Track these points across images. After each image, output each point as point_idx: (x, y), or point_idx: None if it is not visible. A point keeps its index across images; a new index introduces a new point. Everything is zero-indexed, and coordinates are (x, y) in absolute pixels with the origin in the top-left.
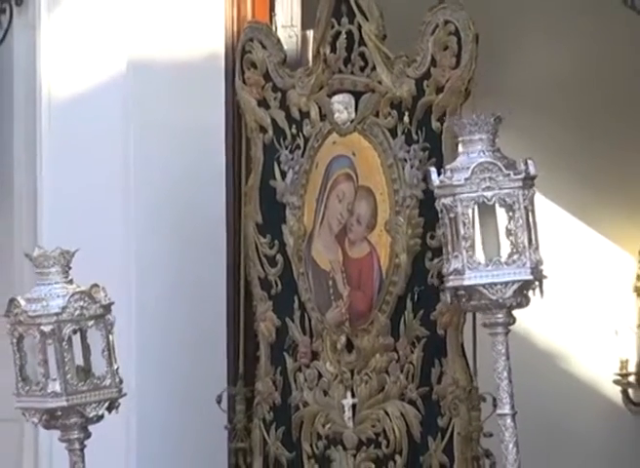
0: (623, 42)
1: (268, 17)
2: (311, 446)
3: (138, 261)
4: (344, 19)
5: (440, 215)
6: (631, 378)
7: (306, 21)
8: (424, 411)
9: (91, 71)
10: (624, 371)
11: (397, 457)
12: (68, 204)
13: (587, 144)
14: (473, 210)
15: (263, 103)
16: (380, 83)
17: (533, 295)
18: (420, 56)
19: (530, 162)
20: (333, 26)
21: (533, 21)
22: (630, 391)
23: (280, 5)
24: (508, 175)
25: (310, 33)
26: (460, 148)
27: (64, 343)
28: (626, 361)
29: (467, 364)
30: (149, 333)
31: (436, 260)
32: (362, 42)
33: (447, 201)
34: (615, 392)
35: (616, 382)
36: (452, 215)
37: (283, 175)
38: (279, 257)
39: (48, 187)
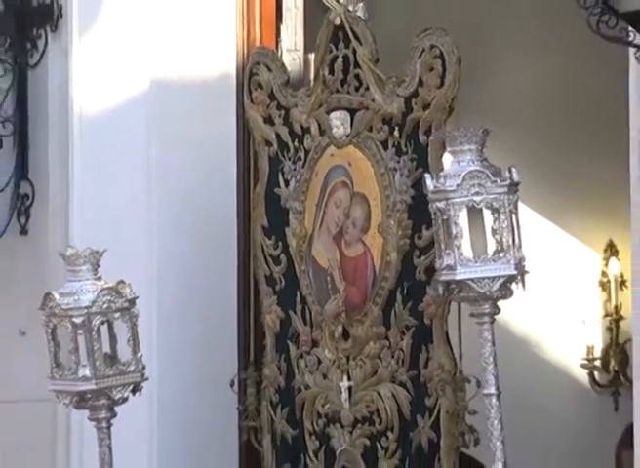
0: (593, 63)
1: (274, 41)
2: (312, 424)
3: (158, 260)
4: (341, 45)
5: (433, 217)
6: (597, 363)
7: (309, 46)
8: (413, 392)
9: (117, 90)
10: (591, 357)
11: (389, 433)
12: (97, 209)
13: (559, 155)
14: (464, 212)
15: (269, 120)
16: (373, 101)
17: (516, 288)
18: (409, 76)
19: (514, 170)
20: (331, 51)
21: (511, 44)
22: (596, 374)
23: (285, 31)
24: (495, 181)
25: (312, 56)
26: (451, 158)
27: (94, 333)
28: (592, 347)
29: (452, 350)
30: (168, 325)
31: (423, 258)
32: (357, 65)
33: (440, 204)
34: (582, 375)
35: (583, 366)
36: (444, 217)
37: (286, 183)
38: (283, 257)
39: (79, 195)
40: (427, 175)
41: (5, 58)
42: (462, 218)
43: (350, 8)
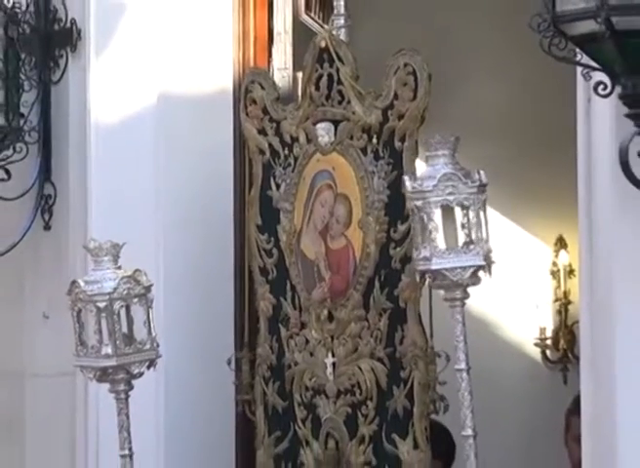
0: (549, 81)
1: (267, 61)
2: (300, 396)
3: (165, 253)
4: (326, 65)
5: (411, 214)
6: (548, 342)
7: (296, 65)
8: (390, 366)
9: (129, 103)
10: (543, 337)
11: (369, 403)
12: (111, 208)
13: (517, 162)
14: (438, 210)
15: (262, 131)
16: (353, 113)
17: (483, 276)
18: (385, 91)
19: (482, 173)
20: (317, 70)
21: (476, 63)
22: (548, 352)
23: (276, 52)
24: (466, 183)
25: (299, 74)
26: (427, 162)
27: (115, 316)
28: (544, 328)
29: (424, 329)
30: (174, 309)
31: (398, 249)
32: (340, 82)
33: (418, 203)
34: (536, 352)
35: (536, 345)
36: (421, 214)
37: (277, 186)
38: (275, 251)
39: (95, 196)
40: (406, 177)
41: (31, 75)
42: (437, 215)
43: (334, 32)
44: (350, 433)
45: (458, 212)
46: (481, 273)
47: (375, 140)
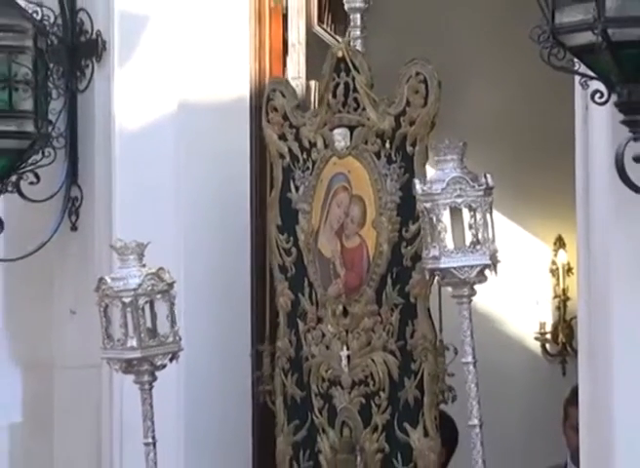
0: (549, 89)
1: (282, 71)
2: (317, 386)
3: (185, 253)
4: (343, 74)
5: (421, 215)
6: (548, 336)
7: (310, 74)
8: (401, 359)
9: (151, 111)
10: (543, 331)
11: (381, 393)
12: (134, 209)
13: (518, 166)
14: (447, 212)
15: (282, 137)
16: (368, 119)
17: (489, 275)
18: (398, 98)
19: (488, 176)
20: (334, 79)
21: (479, 73)
22: (547, 345)
23: (290, 61)
24: (474, 186)
25: (312, 83)
26: (436, 166)
27: (139, 311)
28: (544, 323)
29: (433, 323)
30: (194, 305)
31: (409, 248)
32: (355, 90)
33: (427, 205)
34: (536, 346)
35: (536, 339)
36: (431, 216)
37: (297, 189)
38: (293, 249)
39: (119, 198)
40: (416, 181)
41: (59, 84)
42: (446, 217)
43: (350, 43)
44: (364, 422)
45: (465, 213)
46: (487, 272)
47: (388, 145)
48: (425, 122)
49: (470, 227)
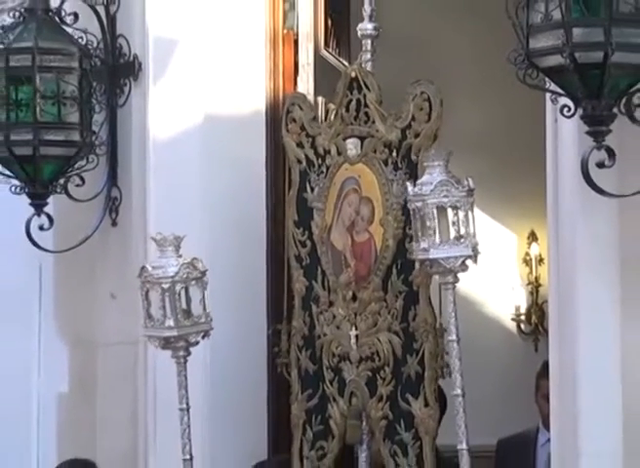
0: (523, 105)
1: (293, 88)
2: (328, 361)
3: (210, 245)
4: (355, 92)
5: (412, 213)
6: (522, 317)
7: (317, 91)
8: (404, 339)
9: (180, 123)
10: (518, 313)
11: (386, 368)
12: (166, 207)
13: (496, 171)
14: (435, 210)
15: (300, 145)
16: (377, 131)
17: (471, 264)
18: (405, 113)
19: (470, 179)
20: (347, 95)
21: (462, 93)
22: (522, 325)
23: (300, 80)
24: (458, 188)
25: (319, 99)
26: (425, 171)
27: (176, 295)
28: (519, 306)
29: (433, 308)
30: (220, 290)
31: (412, 243)
32: (366, 105)
33: (418, 204)
34: (512, 326)
35: (512, 320)
36: (421, 214)
37: (312, 190)
38: (308, 242)
39: (153, 198)
40: (408, 183)
41: (101, 99)
42: (434, 215)
43: (362, 65)
44: (370, 392)
45: (450, 212)
46: (469, 261)
47: (394, 154)
48: (429, 135)
49: (454, 223)
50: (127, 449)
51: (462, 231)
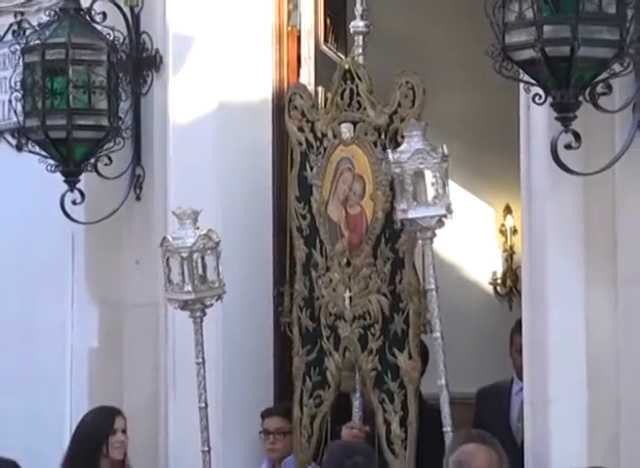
0: (499, 93)
1: (296, 79)
2: (325, 319)
3: (223, 218)
4: (348, 82)
5: (393, 178)
6: (499, 281)
7: (317, 81)
8: (392, 299)
9: (197, 110)
10: (495, 277)
11: (376, 325)
12: (184, 185)
13: (476, 151)
14: (412, 175)
15: (301, 129)
16: (368, 117)
17: (446, 221)
18: (392, 101)
19: (444, 146)
20: (342, 85)
21: (446, 82)
22: (498, 288)
23: (302, 72)
24: (432, 155)
25: (319, 88)
26: (404, 140)
27: (193, 263)
28: (496, 271)
29: (417, 273)
30: (231, 258)
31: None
32: (358, 94)
33: (397, 170)
34: (489, 288)
35: (490, 283)
36: (400, 179)
37: (311, 169)
38: (308, 215)
39: (173, 176)
40: (389, 151)
41: (127, 89)
42: (411, 179)
43: (354, 58)
44: (362, 347)
45: (427, 175)
46: (445, 220)
47: (383, 136)
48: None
49: (430, 186)
50: (149, 398)
51: (437, 193)
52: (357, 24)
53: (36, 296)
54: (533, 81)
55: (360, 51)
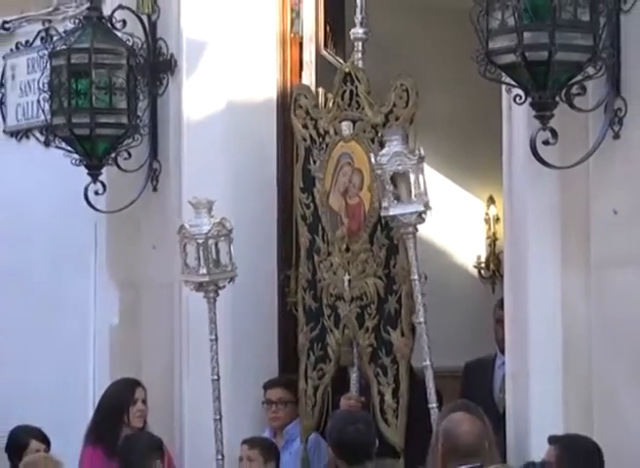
0: (483, 94)
1: (298, 81)
2: (327, 300)
3: (233, 207)
4: (348, 84)
5: (375, 179)
6: (482, 265)
7: (318, 83)
8: (386, 281)
9: (208, 109)
10: (479, 261)
11: (372, 305)
12: (197, 177)
13: (462, 147)
14: (391, 176)
15: (305, 126)
16: (366, 116)
17: (425, 217)
18: (388, 101)
19: (421, 148)
20: (342, 87)
21: (434, 83)
22: (482, 271)
23: (304, 74)
24: (409, 157)
25: (320, 90)
26: (385, 144)
27: (208, 248)
28: (480, 256)
29: (409, 258)
30: (241, 243)
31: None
32: (357, 95)
33: (379, 172)
34: (474, 272)
35: (475, 267)
36: (382, 179)
37: (314, 162)
38: (311, 204)
39: (187, 169)
40: (371, 155)
41: (144, 90)
42: (391, 180)
43: (354, 62)
44: (359, 325)
45: (405, 176)
46: (424, 215)
47: (379, 134)
48: (407, 118)
49: (408, 186)
50: (165, 370)
51: (415, 192)
52: (357, 31)
53: (63, 277)
54: (514, 83)
55: (359, 55)
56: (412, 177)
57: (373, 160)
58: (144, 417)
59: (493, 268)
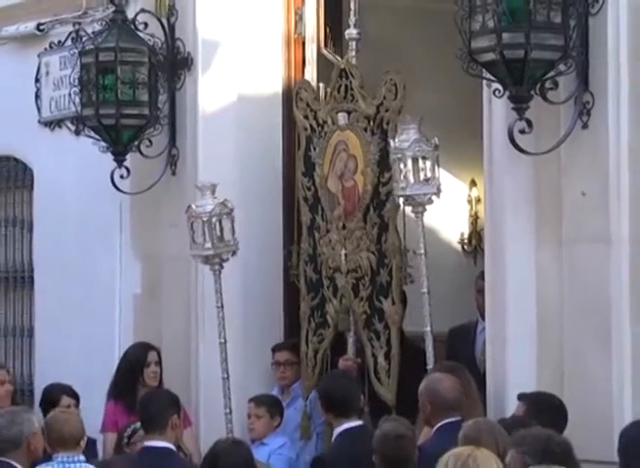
0: (467, 89)
1: (301, 77)
2: (326, 272)
3: (240, 189)
4: (344, 78)
5: (393, 163)
6: (466, 241)
7: (319, 79)
8: (378, 256)
9: (221, 102)
10: (463, 238)
11: (365, 277)
12: (211, 162)
13: (448, 136)
14: (410, 160)
15: (306, 117)
16: (359, 107)
17: (436, 199)
18: (379, 94)
19: (436, 138)
20: (338, 82)
21: (422, 80)
22: (465, 246)
23: (307, 71)
24: (427, 144)
25: (320, 85)
26: (402, 131)
27: (212, 225)
28: (463, 232)
29: (399, 235)
30: (248, 221)
31: (385, 188)
32: (352, 89)
33: (398, 155)
34: (458, 246)
35: (459, 242)
36: (400, 163)
37: (314, 149)
38: (312, 187)
39: (202, 155)
40: (391, 140)
41: (164, 85)
42: (409, 164)
43: (349, 60)
44: (355, 295)
45: (421, 161)
46: (434, 197)
47: (371, 124)
48: (395, 110)
49: (424, 170)
50: (183, 335)
51: (429, 175)
52: (351, 32)
53: (92, 252)
54: (493, 78)
55: (353, 53)
56: (428, 163)
57: (392, 144)
58: (158, 378)
59: (475, 244)
